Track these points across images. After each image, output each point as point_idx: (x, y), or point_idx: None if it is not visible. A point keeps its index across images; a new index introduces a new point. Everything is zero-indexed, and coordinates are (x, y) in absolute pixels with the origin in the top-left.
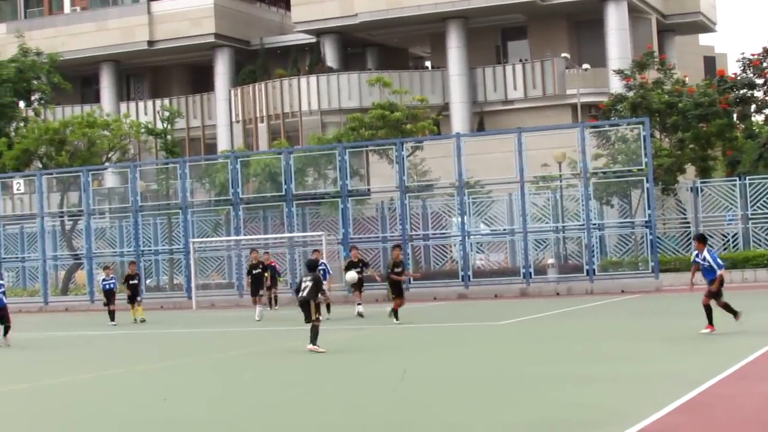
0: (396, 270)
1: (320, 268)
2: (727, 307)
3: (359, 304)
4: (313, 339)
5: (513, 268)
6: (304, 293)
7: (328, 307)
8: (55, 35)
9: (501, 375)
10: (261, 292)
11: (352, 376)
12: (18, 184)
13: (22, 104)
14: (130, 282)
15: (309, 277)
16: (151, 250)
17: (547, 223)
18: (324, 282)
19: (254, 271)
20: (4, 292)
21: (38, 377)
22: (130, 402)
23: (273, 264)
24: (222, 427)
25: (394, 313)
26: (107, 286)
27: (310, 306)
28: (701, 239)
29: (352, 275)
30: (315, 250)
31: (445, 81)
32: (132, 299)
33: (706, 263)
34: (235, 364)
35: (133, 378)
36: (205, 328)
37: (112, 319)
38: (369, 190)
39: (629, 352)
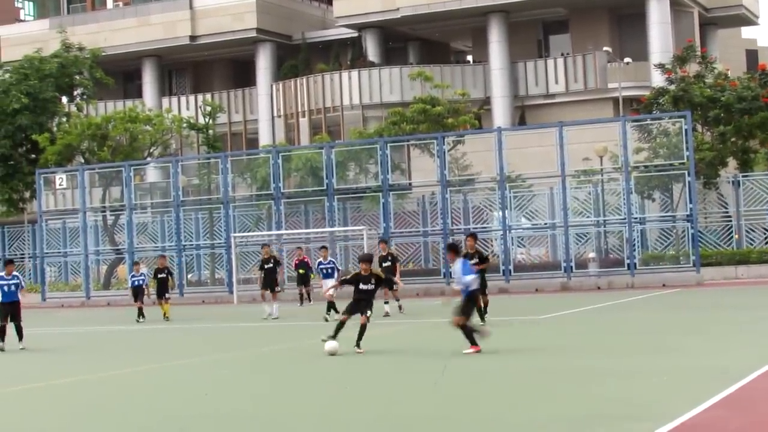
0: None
1: (327, 266)
2: (466, 330)
3: (386, 302)
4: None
5: (554, 262)
6: (367, 286)
7: (333, 306)
8: (97, 30)
9: (541, 369)
10: (277, 288)
11: (393, 371)
12: (60, 179)
13: (64, 99)
14: (159, 276)
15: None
16: (192, 244)
17: (588, 217)
18: (331, 279)
19: (266, 266)
20: (18, 287)
21: (77, 372)
22: (173, 396)
23: (306, 260)
24: (266, 423)
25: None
26: (136, 283)
27: (371, 301)
28: (452, 248)
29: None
30: (323, 247)
31: (486, 75)
32: (160, 294)
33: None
34: (273, 359)
35: (171, 373)
36: (245, 322)
37: (140, 316)
38: (410, 184)
39: (670, 346)
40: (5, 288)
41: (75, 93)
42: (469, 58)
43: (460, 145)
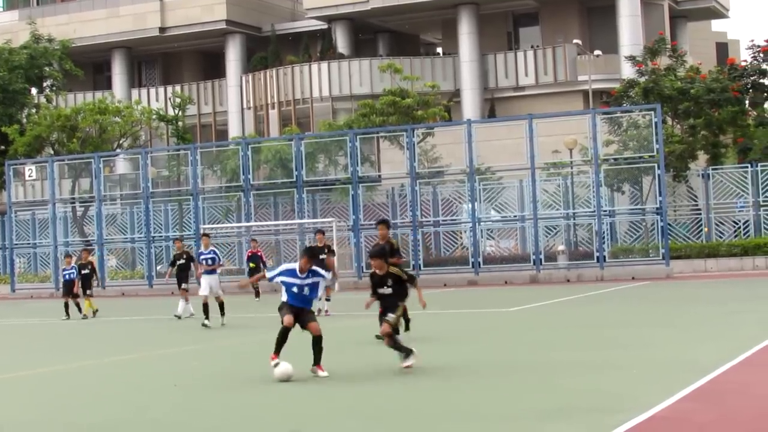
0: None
1: (207, 256)
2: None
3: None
4: (402, 351)
5: (523, 254)
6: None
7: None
8: (67, 22)
9: (512, 362)
10: (184, 286)
11: (357, 365)
12: (30, 170)
13: (34, 91)
14: (82, 272)
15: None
16: (162, 236)
17: (557, 209)
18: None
19: (178, 262)
20: None
21: (40, 364)
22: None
23: (259, 253)
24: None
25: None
26: (67, 276)
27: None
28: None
29: None
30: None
31: (456, 67)
32: (83, 290)
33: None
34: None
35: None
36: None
37: (66, 312)
38: (380, 176)
39: (640, 339)
40: None
41: (44, 84)
42: (439, 50)
43: (430, 137)
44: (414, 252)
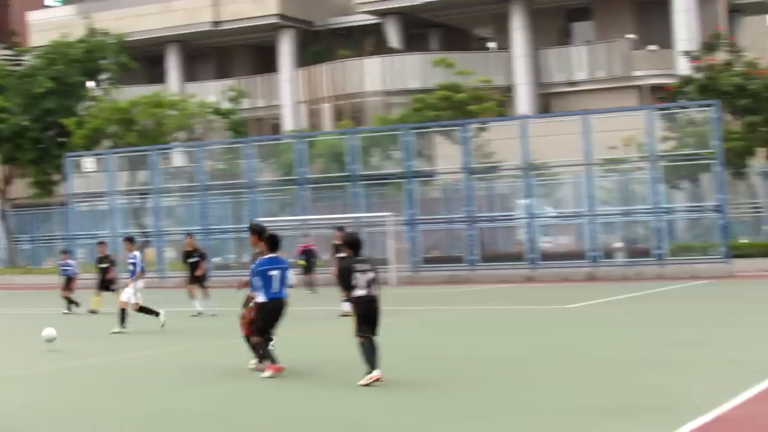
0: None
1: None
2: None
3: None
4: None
5: (580, 251)
6: (372, 289)
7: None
8: (122, 16)
9: (570, 358)
10: (205, 281)
11: (418, 356)
12: (89, 162)
13: (91, 84)
14: (99, 266)
15: (367, 264)
16: (218, 228)
17: (614, 206)
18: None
19: (189, 260)
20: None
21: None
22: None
23: (312, 248)
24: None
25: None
26: (63, 272)
27: (378, 309)
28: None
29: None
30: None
31: (509, 62)
32: (105, 285)
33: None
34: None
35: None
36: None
37: (70, 307)
38: (434, 171)
39: (701, 338)
40: None
41: (101, 78)
42: (491, 45)
43: (484, 132)
44: (469, 248)
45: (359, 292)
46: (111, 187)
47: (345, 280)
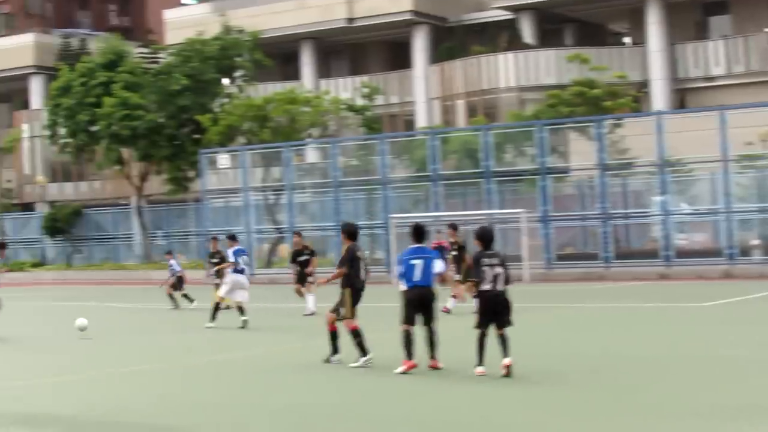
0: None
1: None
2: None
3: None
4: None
5: (716, 248)
6: (498, 284)
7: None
8: (256, 14)
9: (704, 357)
10: (310, 279)
11: (550, 353)
12: (223, 159)
13: (225, 81)
14: (211, 260)
15: (496, 259)
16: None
17: (750, 203)
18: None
19: (299, 258)
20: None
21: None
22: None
23: (444, 244)
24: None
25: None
26: (173, 269)
27: (509, 305)
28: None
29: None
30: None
31: (644, 57)
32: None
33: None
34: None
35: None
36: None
37: (185, 301)
38: (568, 167)
39: None
40: None
41: (235, 75)
42: (627, 40)
43: (619, 128)
44: (603, 245)
45: (484, 286)
46: (245, 183)
47: (473, 273)
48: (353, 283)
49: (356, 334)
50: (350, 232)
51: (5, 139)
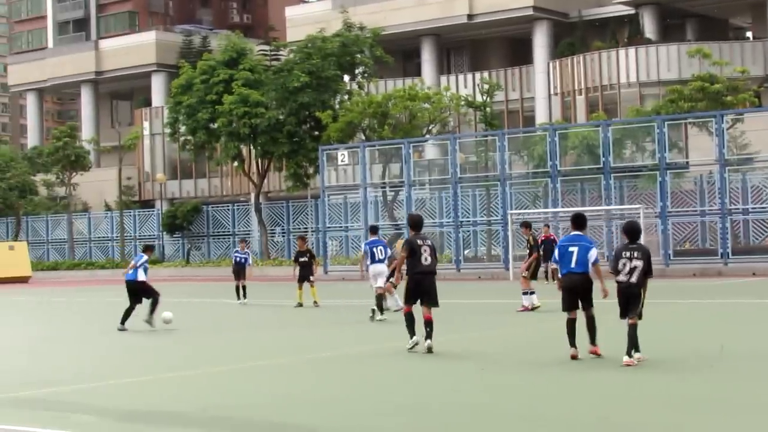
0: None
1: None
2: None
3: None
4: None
5: None
6: (632, 276)
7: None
8: (377, 10)
9: None
10: (391, 280)
11: (669, 350)
12: (342, 155)
13: (345, 78)
14: (300, 260)
15: (637, 252)
16: (469, 221)
17: None
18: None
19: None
20: (145, 268)
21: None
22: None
23: (552, 237)
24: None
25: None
26: (238, 260)
27: (641, 296)
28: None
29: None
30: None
31: (766, 52)
32: (303, 278)
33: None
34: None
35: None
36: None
37: (239, 296)
38: (687, 162)
39: None
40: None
41: (356, 71)
42: (749, 34)
43: (739, 124)
44: (722, 240)
45: (620, 278)
46: (364, 179)
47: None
48: (412, 271)
49: (408, 317)
50: (412, 223)
51: (126, 137)
